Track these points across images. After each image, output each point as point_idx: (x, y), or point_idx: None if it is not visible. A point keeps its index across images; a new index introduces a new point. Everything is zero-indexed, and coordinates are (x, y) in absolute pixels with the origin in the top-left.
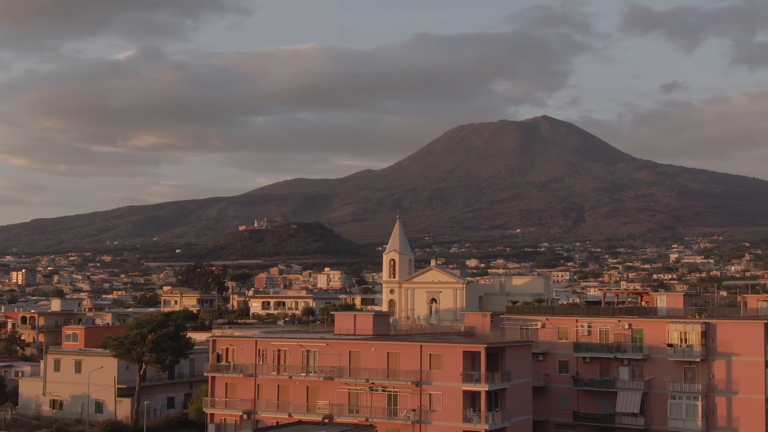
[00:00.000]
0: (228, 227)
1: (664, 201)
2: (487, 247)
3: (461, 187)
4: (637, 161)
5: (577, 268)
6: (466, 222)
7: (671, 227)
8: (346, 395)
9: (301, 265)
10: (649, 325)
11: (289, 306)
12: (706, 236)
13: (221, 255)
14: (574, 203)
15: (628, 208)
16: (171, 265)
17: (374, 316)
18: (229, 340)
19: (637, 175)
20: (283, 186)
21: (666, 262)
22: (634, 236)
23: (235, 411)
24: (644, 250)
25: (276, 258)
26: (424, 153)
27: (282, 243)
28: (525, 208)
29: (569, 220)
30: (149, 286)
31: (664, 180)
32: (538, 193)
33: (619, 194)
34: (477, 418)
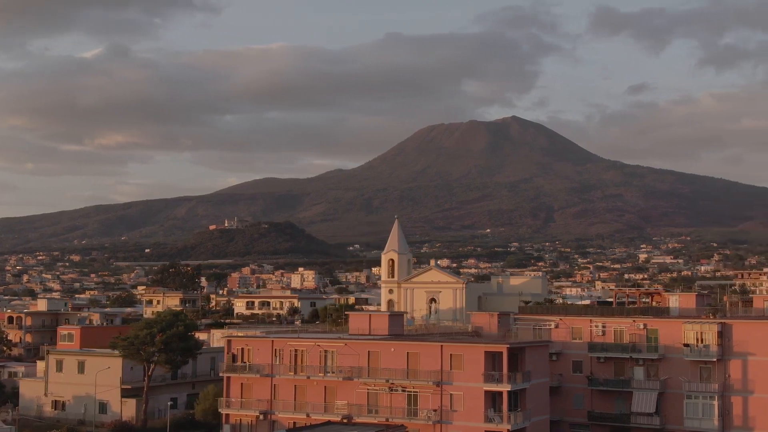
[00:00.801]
0: (197, 227)
1: (632, 201)
2: (458, 247)
3: (431, 187)
4: (605, 162)
5: (548, 268)
6: (437, 222)
7: (639, 227)
8: (365, 395)
9: (273, 264)
10: (664, 325)
11: (273, 306)
12: (674, 236)
13: (191, 254)
14: (544, 203)
15: (596, 208)
16: (141, 264)
17: (389, 316)
18: (244, 340)
19: (605, 176)
20: (253, 185)
21: (635, 262)
22: (603, 236)
23: (251, 411)
24: (613, 250)
25: (247, 258)
26: (394, 153)
27: (253, 242)
28: (495, 208)
29: (538, 221)
30: (120, 286)
31: (632, 180)
32: (507, 194)
33: (588, 195)
34: (498, 419)
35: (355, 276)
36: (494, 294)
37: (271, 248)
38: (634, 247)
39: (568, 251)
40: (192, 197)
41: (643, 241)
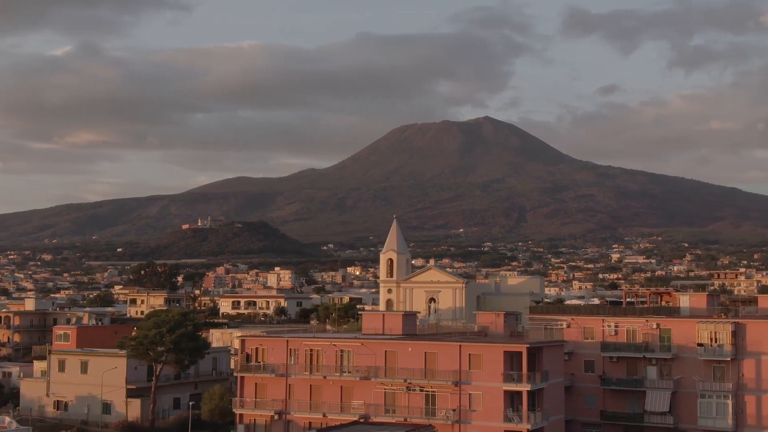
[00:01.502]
0: (169, 226)
1: (604, 202)
2: (431, 247)
3: (405, 186)
4: (577, 162)
5: (522, 268)
6: (410, 222)
7: (611, 227)
8: (382, 395)
9: (247, 264)
10: (677, 325)
11: (260, 305)
12: (645, 236)
13: (164, 254)
14: (516, 203)
15: (568, 208)
16: (114, 264)
17: (403, 315)
18: (258, 339)
19: (577, 176)
20: (225, 184)
21: (608, 262)
22: (575, 236)
23: (265, 411)
24: (585, 250)
25: (220, 257)
26: (367, 152)
27: (226, 242)
28: (468, 208)
29: (511, 220)
30: (94, 285)
31: (603, 181)
32: (480, 193)
33: (560, 195)
34: (518, 418)
35: (330, 276)
36: (492, 294)
37: (244, 248)
38: (606, 247)
39: (541, 251)
40: (164, 196)
41: (615, 241)
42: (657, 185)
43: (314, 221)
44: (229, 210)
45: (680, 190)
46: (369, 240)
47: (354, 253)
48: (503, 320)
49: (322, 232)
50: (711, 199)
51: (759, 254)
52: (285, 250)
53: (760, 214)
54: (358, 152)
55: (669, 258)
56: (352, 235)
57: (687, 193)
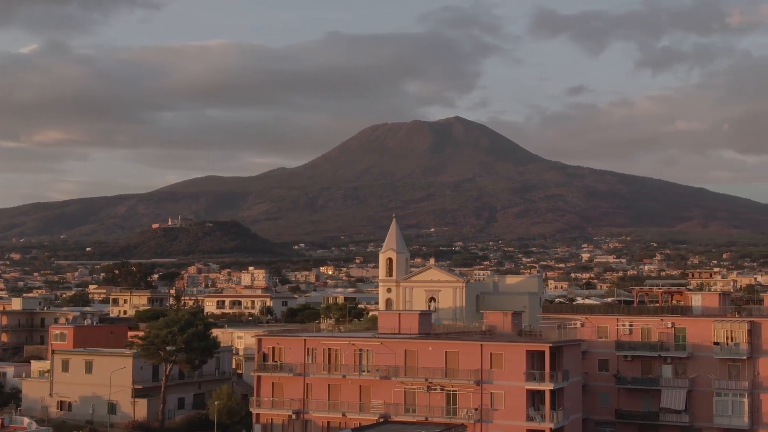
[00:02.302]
0: (138, 225)
1: (573, 202)
2: None
3: (376, 186)
4: (546, 162)
5: (494, 267)
6: (381, 221)
7: (580, 227)
8: (402, 394)
9: (219, 264)
10: (692, 324)
11: (245, 305)
12: (614, 236)
13: (135, 253)
14: (486, 203)
15: (538, 208)
16: (84, 263)
17: (420, 315)
18: (275, 339)
19: (546, 176)
20: (194, 183)
21: (578, 262)
22: (545, 236)
23: (283, 411)
24: (555, 250)
25: (191, 257)
26: (338, 152)
27: (197, 241)
28: (438, 207)
29: (482, 220)
30: (65, 285)
31: (572, 181)
32: (451, 193)
33: (530, 195)
34: (540, 417)
35: (304, 275)
36: (491, 293)
37: (215, 247)
38: (575, 246)
39: (511, 250)
40: (132, 195)
41: (584, 241)
42: (625, 185)
43: (285, 221)
44: (198, 209)
45: (648, 191)
46: (340, 240)
47: (326, 253)
48: (511, 319)
49: (293, 232)
50: (679, 200)
51: (728, 254)
52: (256, 250)
53: (728, 215)
54: (329, 152)
55: (639, 258)
56: (323, 234)
57: (655, 193)
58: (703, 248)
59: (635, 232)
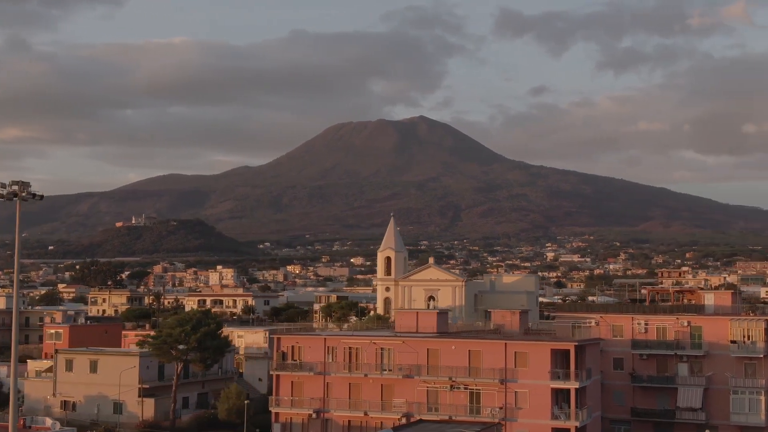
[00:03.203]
0: (100, 224)
1: (537, 201)
2: (369, 245)
3: (341, 185)
4: (510, 162)
5: (460, 266)
6: (347, 220)
7: (544, 226)
8: (424, 393)
9: (184, 262)
10: (708, 323)
11: (227, 304)
12: (578, 235)
13: (98, 252)
14: (451, 202)
15: (502, 207)
16: (47, 262)
17: (438, 314)
18: (294, 338)
19: (510, 176)
20: (157, 181)
21: (543, 261)
22: (509, 235)
23: (303, 410)
24: (520, 249)
25: (155, 255)
26: (302, 150)
27: (161, 240)
28: (403, 206)
29: (446, 219)
30: (30, 284)
31: (536, 181)
32: (416, 192)
33: (494, 194)
34: (564, 416)
35: (272, 274)
36: (488, 292)
37: (180, 246)
38: (539, 245)
39: (476, 249)
40: (94, 193)
41: (548, 240)
42: (588, 185)
43: (249, 219)
44: (161, 207)
45: (611, 190)
46: (305, 239)
47: (291, 252)
48: (518, 318)
49: (258, 231)
50: (641, 199)
51: (691, 253)
52: (221, 249)
53: (689, 214)
54: (293, 150)
55: (603, 257)
56: (289, 233)
57: (617, 193)
58: (665, 248)
59: (598, 232)
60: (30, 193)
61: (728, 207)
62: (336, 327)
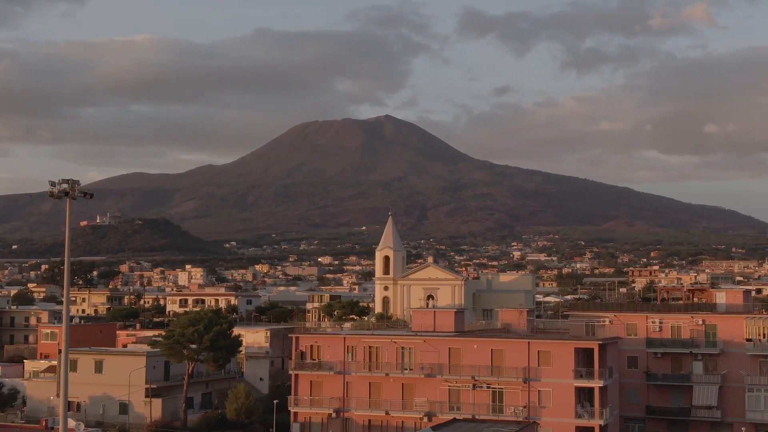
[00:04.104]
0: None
1: (502, 200)
2: (336, 244)
3: (307, 184)
4: (475, 161)
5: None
6: (313, 219)
7: (509, 226)
8: (446, 392)
9: (150, 262)
10: (723, 321)
11: (209, 304)
12: (543, 234)
13: (62, 251)
14: (417, 202)
15: (468, 206)
16: (11, 261)
17: (455, 312)
18: (313, 337)
19: (475, 175)
20: (120, 180)
21: (510, 260)
22: (475, 234)
23: (322, 409)
24: (486, 248)
25: (121, 255)
26: (268, 149)
27: (126, 239)
28: (370, 206)
29: (413, 218)
30: None
31: (501, 180)
32: (382, 192)
33: (459, 193)
34: (588, 414)
35: (240, 273)
36: (485, 291)
37: (146, 245)
38: (505, 244)
39: (443, 248)
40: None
41: (513, 239)
42: (552, 185)
43: (214, 218)
44: (125, 207)
45: (575, 190)
46: (272, 238)
47: (258, 251)
48: (526, 317)
49: (224, 230)
50: (604, 199)
51: (655, 252)
52: (187, 248)
53: (652, 214)
54: (258, 149)
55: (570, 256)
56: (255, 232)
57: (581, 192)
58: (630, 246)
59: (563, 231)
60: (81, 192)
61: (690, 206)
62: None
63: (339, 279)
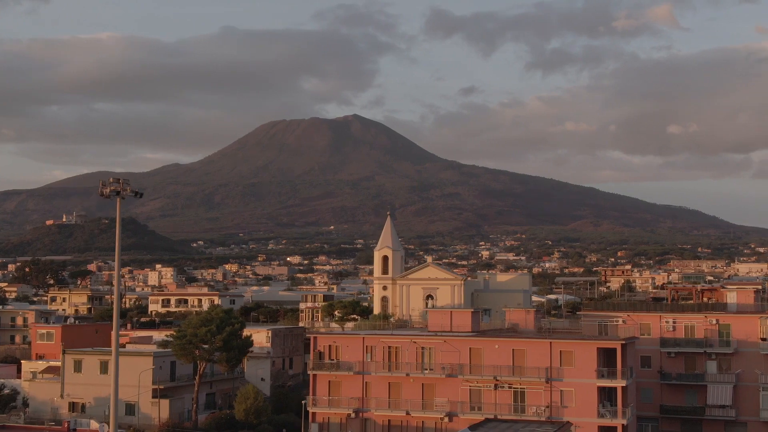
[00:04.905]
0: (28, 221)
1: (469, 200)
2: (304, 244)
3: (274, 183)
4: (443, 161)
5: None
6: (280, 218)
7: (477, 225)
8: (467, 392)
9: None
10: (737, 321)
11: (192, 303)
12: (510, 234)
13: (28, 250)
14: (385, 201)
15: (435, 206)
16: None
17: (472, 313)
18: (332, 337)
19: (443, 175)
20: (85, 179)
21: (479, 259)
22: (443, 234)
23: (341, 410)
24: (454, 247)
25: (87, 254)
26: (235, 148)
27: (93, 238)
28: (338, 205)
29: (381, 218)
30: None
31: (468, 180)
32: (350, 191)
33: (427, 193)
34: (610, 414)
35: (210, 273)
36: (483, 290)
37: (112, 244)
38: (473, 244)
39: (412, 248)
40: (21, 191)
41: (481, 239)
42: (519, 184)
43: (181, 217)
44: (90, 205)
45: (541, 190)
46: (239, 237)
47: (226, 251)
48: (533, 317)
49: (191, 229)
50: (570, 199)
51: (622, 252)
52: (154, 247)
53: (618, 214)
54: (225, 148)
55: (538, 255)
56: (222, 231)
57: (547, 192)
58: (597, 246)
59: (530, 231)
60: (132, 191)
61: (655, 206)
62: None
63: (311, 279)
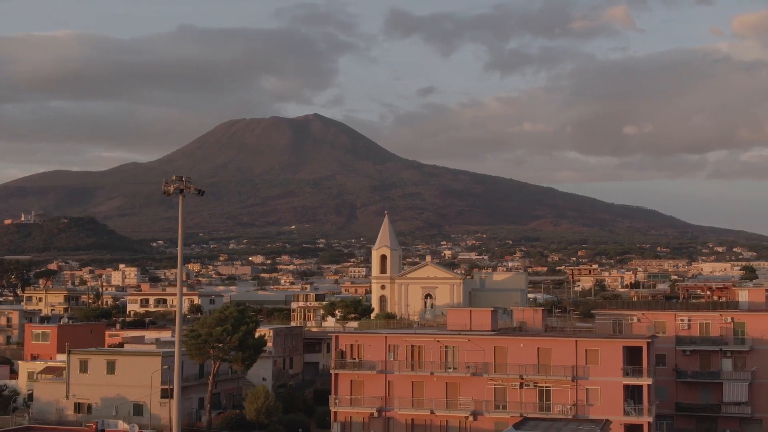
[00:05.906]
0: None
1: (430, 200)
2: (266, 243)
3: (234, 182)
4: (404, 161)
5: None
6: (241, 218)
7: (438, 225)
8: (492, 391)
9: (78, 261)
10: (752, 319)
11: (171, 303)
12: (471, 234)
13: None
14: (346, 201)
15: (397, 206)
16: None
17: (492, 312)
18: (354, 336)
19: (404, 175)
20: (41, 178)
21: (442, 259)
22: (404, 233)
23: (364, 409)
24: (416, 247)
25: (47, 254)
26: (194, 147)
27: (52, 238)
28: (299, 204)
29: (342, 217)
30: None
31: (429, 180)
32: (311, 190)
33: (388, 193)
34: (636, 412)
35: (173, 273)
36: (480, 289)
37: (72, 244)
38: (435, 243)
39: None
40: None
41: (442, 238)
42: (479, 184)
43: (140, 216)
44: (48, 205)
45: (501, 190)
46: (199, 237)
47: (186, 250)
48: (541, 315)
49: (150, 228)
50: (529, 198)
51: (583, 251)
52: (114, 247)
53: (576, 213)
54: (184, 146)
55: (500, 254)
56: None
57: (507, 192)
58: (557, 246)
59: (491, 230)
60: (196, 189)
61: (613, 206)
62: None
63: (276, 278)
